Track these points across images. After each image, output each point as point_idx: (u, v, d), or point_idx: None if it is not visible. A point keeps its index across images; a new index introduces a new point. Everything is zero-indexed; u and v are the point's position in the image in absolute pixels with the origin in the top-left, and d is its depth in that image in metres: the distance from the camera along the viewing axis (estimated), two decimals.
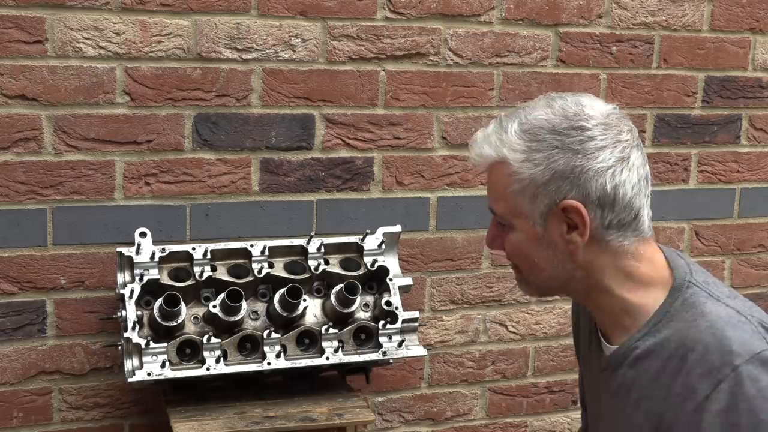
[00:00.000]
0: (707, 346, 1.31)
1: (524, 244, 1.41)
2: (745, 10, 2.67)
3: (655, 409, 1.36)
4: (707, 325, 1.33)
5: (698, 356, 1.31)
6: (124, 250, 2.08)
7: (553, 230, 1.38)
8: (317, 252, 2.17)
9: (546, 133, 1.37)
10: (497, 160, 1.39)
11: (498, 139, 1.39)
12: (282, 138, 2.29)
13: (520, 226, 1.40)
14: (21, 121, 2.10)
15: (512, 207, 1.39)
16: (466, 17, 2.40)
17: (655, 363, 1.37)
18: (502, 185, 1.40)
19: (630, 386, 1.41)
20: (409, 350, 2.16)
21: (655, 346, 1.37)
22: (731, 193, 2.77)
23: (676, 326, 1.36)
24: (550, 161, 1.35)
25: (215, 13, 2.20)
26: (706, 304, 1.36)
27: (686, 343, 1.33)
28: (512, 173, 1.37)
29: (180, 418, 2.03)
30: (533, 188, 1.36)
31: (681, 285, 1.39)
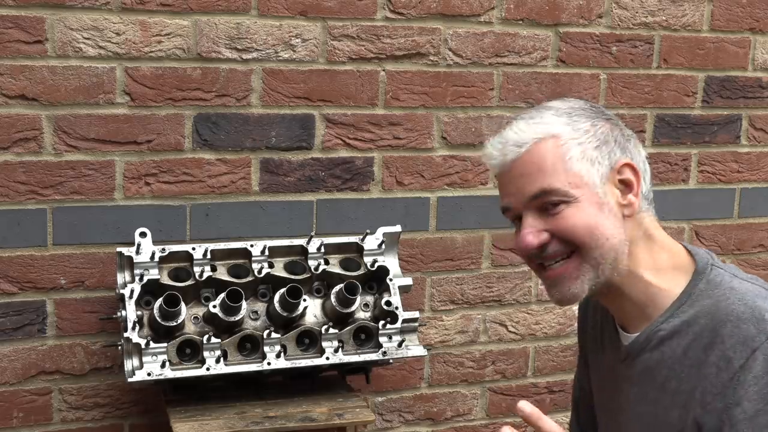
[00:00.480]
0: (740, 315, 1.32)
1: (589, 213, 1.37)
2: (745, 10, 2.67)
3: (684, 386, 1.36)
4: (738, 298, 1.34)
5: (732, 327, 1.32)
6: (124, 250, 2.08)
7: (610, 195, 1.38)
8: (317, 252, 2.17)
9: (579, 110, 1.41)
10: (544, 137, 1.38)
11: (536, 123, 1.39)
12: (282, 138, 2.30)
13: (582, 196, 1.37)
14: (21, 121, 2.10)
15: (572, 176, 1.36)
16: (466, 17, 2.40)
17: (682, 341, 1.37)
18: (557, 158, 1.37)
19: (654, 368, 1.41)
20: (409, 350, 2.15)
21: (682, 325, 1.37)
22: (731, 193, 2.77)
23: (704, 303, 1.37)
24: (596, 127, 1.39)
25: (215, 13, 2.20)
26: (733, 281, 1.38)
27: (718, 316, 1.34)
28: (566, 143, 1.37)
29: (180, 418, 2.03)
30: (590, 152, 1.37)
31: (704, 268, 1.40)
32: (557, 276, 1.40)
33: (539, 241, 1.38)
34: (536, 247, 1.38)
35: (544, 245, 1.38)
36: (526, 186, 1.38)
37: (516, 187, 1.39)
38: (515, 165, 1.39)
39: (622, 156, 1.40)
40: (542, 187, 1.37)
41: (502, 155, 1.40)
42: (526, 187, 1.38)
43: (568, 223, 1.37)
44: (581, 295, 1.40)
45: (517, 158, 1.38)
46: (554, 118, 1.40)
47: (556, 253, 1.39)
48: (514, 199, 1.40)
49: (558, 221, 1.37)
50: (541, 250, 1.39)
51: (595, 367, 1.62)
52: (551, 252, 1.39)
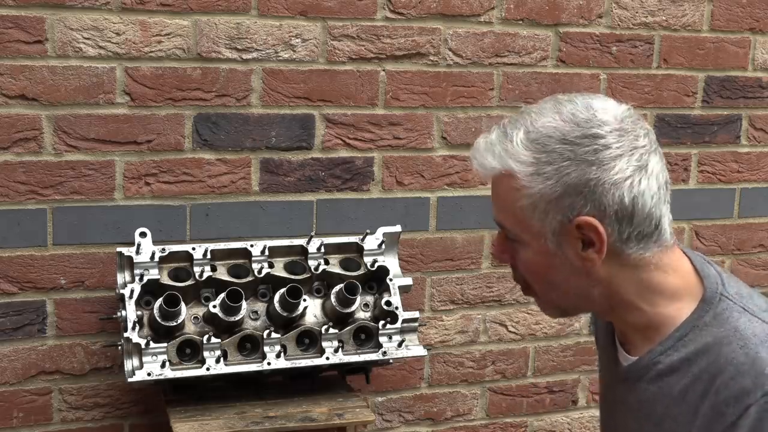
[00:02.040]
0: (739, 367, 1.22)
1: (536, 262, 1.29)
2: (745, 10, 2.67)
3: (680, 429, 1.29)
4: (741, 344, 1.24)
5: (728, 377, 1.23)
6: (124, 250, 2.08)
7: (567, 248, 1.27)
8: (317, 252, 2.17)
9: (556, 143, 1.25)
10: (503, 173, 1.27)
11: (503, 150, 1.27)
12: (282, 138, 2.29)
13: (531, 242, 1.29)
14: (21, 121, 2.10)
15: (522, 222, 1.28)
16: (466, 17, 2.40)
17: (681, 380, 1.29)
18: (510, 199, 1.28)
19: (652, 402, 1.33)
20: (409, 350, 2.15)
21: (681, 362, 1.29)
22: (731, 193, 2.77)
23: (706, 341, 1.27)
24: (562, 174, 1.24)
25: (215, 13, 2.20)
26: (740, 320, 1.27)
27: (717, 362, 1.25)
28: (520, 187, 1.26)
29: (180, 418, 2.03)
30: (544, 204, 1.25)
31: (712, 298, 1.30)
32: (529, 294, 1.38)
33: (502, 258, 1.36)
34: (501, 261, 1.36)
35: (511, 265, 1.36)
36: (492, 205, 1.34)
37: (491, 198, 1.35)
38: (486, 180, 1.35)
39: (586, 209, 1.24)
40: (498, 220, 1.33)
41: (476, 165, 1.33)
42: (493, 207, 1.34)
43: (522, 266, 1.33)
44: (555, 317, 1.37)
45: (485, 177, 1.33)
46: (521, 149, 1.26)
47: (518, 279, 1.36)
48: None
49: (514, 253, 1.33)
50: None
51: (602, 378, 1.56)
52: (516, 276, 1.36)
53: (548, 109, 1.28)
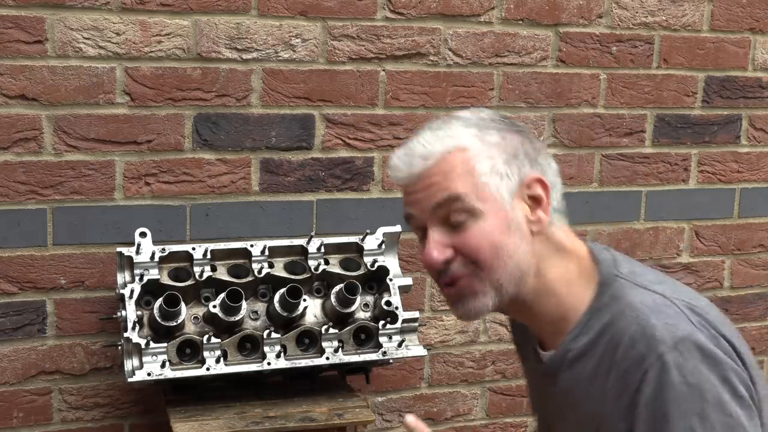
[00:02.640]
0: (633, 336, 1.28)
1: (494, 230, 1.32)
2: (745, 10, 2.67)
3: (595, 408, 1.33)
4: (633, 315, 1.30)
5: (626, 348, 1.28)
6: (124, 250, 2.08)
7: (518, 212, 1.34)
8: (317, 252, 2.17)
9: (488, 121, 1.37)
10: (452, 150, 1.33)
11: (444, 136, 1.34)
12: (282, 138, 2.30)
13: (488, 210, 1.32)
14: (21, 121, 2.10)
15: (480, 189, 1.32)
16: (466, 17, 2.40)
17: (589, 363, 1.34)
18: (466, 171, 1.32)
19: (570, 389, 1.38)
20: (409, 350, 2.15)
21: (588, 346, 1.34)
22: (731, 193, 2.77)
23: (605, 321, 1.33)
24: (506, 141, 1.35)
25: (215, 13, 2.20)
26: (632, 295, 1.33)
27: (615, 338, 1.30)
28: (474, 156, 1.32)
29: (180, 418, 2.03)
30: (500, 166, 1.33)
31: (608, 279, 1.36)
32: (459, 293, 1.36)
33: (444, 257, 1.33)
34: (442, 264, 1.34)
35: (449, 262, 1.34)
36: (432, 194, 1.33)
37: (423, 196, 1.34)
38: (421, 176, 1.33)
39: (532, 170, 1.35)
40: (449, 194, 1.32)
41: (409, 167, 1.34)
42: (433, 195, 1.33)
43: (473, 241, 1.32)
44: (485, 313, 1.36)
45: (423, 171, 1.33)
46: (463, 129, 1.35)
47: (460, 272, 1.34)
48: (419, 209, 1.35)
49: (463, 237, 1.33)
50: (445, 268, 1.34)
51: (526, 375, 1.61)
52: (454, 270, 1.35)
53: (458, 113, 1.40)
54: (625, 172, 2.62)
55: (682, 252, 2.73)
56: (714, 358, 1.26)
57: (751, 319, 2.85)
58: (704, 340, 1.27)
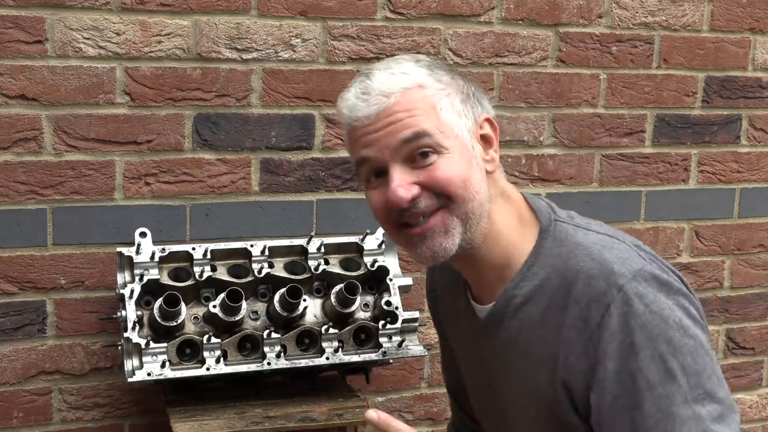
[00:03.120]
0: (589, 272, 1.29)
1: (461, 165, 1.31)
2: (745, 10, 2.67)
3: (546, 350, 1.33)
4: (586, 253, 1.32)
5: (582, 285, 1.29)
6: (124, 250, 2.08)
7: (476, 150, 1.35)
8: (317, 252, 2.17)
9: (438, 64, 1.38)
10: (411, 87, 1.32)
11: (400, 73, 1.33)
12: (282, 138, 2.30)
13: (453, 147, 1.32)
14: (21, 121, 2.10)
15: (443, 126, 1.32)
16: (466, 17, 2.40)
17: (538, 305, 1.34)
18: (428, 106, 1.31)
19: (516, 337, 1.37)
20: (409, 350, 2.16)
21: (535, 289, 1.35)
22: (731, 193, 2.77)
23: (553, 263, 1.34)
24: (456, 82, 1.36)
25: (215, 13, 2.20)
26: (576, 236, 1.35)
27: (567, 276, 1.31)
28: (434, 93, 1.32)
29: (180, 418, 2.03)
30: (457, 105, 1.34)
31: (548, 225, 1.38)
32: (426, 232, 1.33)
33: (411, 194, 1.30)
34: (408, 202, 1.30)
35: (414, 200, 1.31)
36: (396, 132, 1.30)
37: (382, 135, 1.31)
38: (382, 114, 1.31)
39: (482, 111, 1.38)
40: (415, 130, 1.30)
41: (368, 106, 1.31)
42: (397, 133, 1.30)
43: (443, 174, 1.30)
44: (451, 251, 1.33)
45: (385, 108, 1.30)
46: (416, 68, 1.34)
47: (429, 207, 1.32)
48: (378, 149, 1.32)
49: (431, 172, 1.30)
50: (411, 205, 1.31)
51: (455, 339, 1.58)
52: (423, 206, 1.32)
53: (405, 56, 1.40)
54: (625, 172, 2.62)
55: (682, 252, 2.73)
56: (669, 286, 1.29)
57: (751, 319, 2.85)
58: (658, 271, 1.30)
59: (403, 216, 1.33)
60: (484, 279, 1.42)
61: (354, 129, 1.35)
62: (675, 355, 1.25)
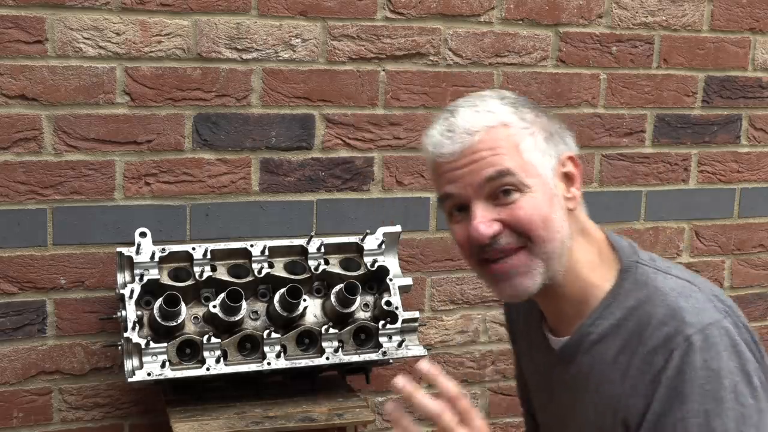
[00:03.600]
0: (662, 318, 1.30)
1: (542, 205, 1.32)
2: (745, 10, 2.67)
3: (615, 390, 1.34)
4: (661, 299, 1.32)
5: (653, 329, 1.30)
6: (124, 250, 2.08)
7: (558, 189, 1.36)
8: (317, 252, 2.17)
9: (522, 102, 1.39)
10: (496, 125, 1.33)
11: (485, 111, 1.34)
12: (282, 138, 2.30)
13: (536, 185, 1.33)
14: (21, 121, 2.10)
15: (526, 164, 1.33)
16: (466, 17, 2.40)
17: (612, 345, 1.35)
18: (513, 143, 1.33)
19: (588, 373, 1.39)
20: (409, 350, 2.15)
21: (611, 328, 1.36)
22: (731, 193, 2.77)
23: (630, 305, 1.35)
24: (541, 120, 1.38)
25: (215, 13, 2.20)
26: (657, 280, 1.36)
27: (642, 320, 1.32)
28: (517, 132, 1.34)
29: (180, 418, 2.03)
30: (541, 143, 1.35)
31: (629, 266, 1.38)
32: (508, 271, 1.34)
33: (492, 231, 1.32)
34: (489, 238, 1.32)
35: (496, 237, 1.32)
36: (479, 170, 1.32)
37: (466, 172, 1.33)
38: (466, 152, 1.32)
39: (565, 148, 1.39)
40: (500, 169, 1.31)
41: (452, 143, 1.33)
42: (480, 171, 1.32)
43: (525, 213, 1.32)
44: (533, 290, 1.35)
45: (469, 146, 1.32)
46: (501, 106, 1.36)
47: (509, 245, 1.33)
48: (460, 186, 1.33)
49: (513, 210, 1.32)
50: (492, 242, 1.32)
51: (529, 370, 1.60)
52: (504, 244, 1.33)
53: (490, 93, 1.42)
54: (625, 172, 2.62)
55: (682, 252, 2.73)
56: (737, 347, 1.28)
57: (751, 319, 2.85)
58: (731, 328, 1.30)
59: (485, 252, 1.34)
60: (562, 313, 1.43)
61: (438, 165, 1.37)
62: (720, 416, 1.25)
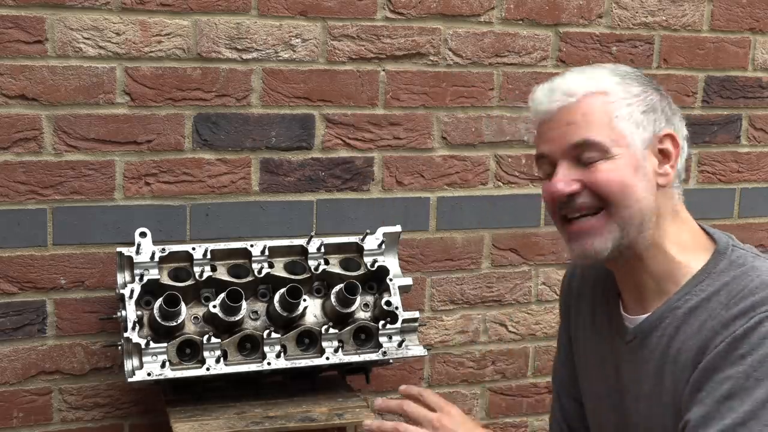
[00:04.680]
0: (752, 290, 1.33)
1: (624, 171, 1.37)
2: (745, 10, 2.67)
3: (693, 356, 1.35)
4: (756, 274, 1.36)
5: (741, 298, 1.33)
6: (124, 250, 2.08)
7: (648, 162, 1.39)
8: (317, 252, 2.17)
9: (633, 75, 1.43)
10: (595, 92, 1.39)
11: (589, 78, 1.40)
12: (282, 138, 2.30)
13: (621, 154, 1.38)
14: (21, 121, 2.10)
15: (616, 134, 1.37)
16: (466, 17, 2.40)
17: (699, 317, 1.37)
18: (606, 112, 1.38)
19: (668, 345, 1.40)
20: (409, 350, 2.16)
21: (701, 302, 1.38)
22: (731, 193, 2.77)
23: (724, 281, 1.37)
24: (647, 94, 1.41)
25: (215, 13, 2.20)
26: (755, 261, 1.39)
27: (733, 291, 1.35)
28: (616, 100, 1.38)
29: (180, 418, 2.03)
30: (637, 115, 1.38)
31: (725, 249, 1.41)
32: (582, 230, 1.40)
33: (570, 189, 1.39)
34: (565, 195, 1.39)
35: (573, 195, 1.38)
36: (569, 134, 1.38)
37: (558, 134, 1.40)
38: (561, 113, 1.40)
39: (667, 126, 1.41)
40: (585, 138, 1.37)
41: (550, 102, 1.41)
42: (569, 135, 1.38)
43: (603, 177, 1.37)
44: (604, 253, 1.39)
45: (564, 106, 1.39)
46: (608, 75, 1.41)
47: (584, 205, 1.39)
48: (553, 146, 1.41)
49: (592, 173, 1.38)
50: (570, 200, 1.39)
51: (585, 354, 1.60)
52: (579, 203, 1.39)
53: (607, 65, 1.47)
54: None
55: None
56: None
57: None
58: None
59: (564, 209, 1.41)
60: (643, 288, 1.45)
61: (540, 122, 1.44)
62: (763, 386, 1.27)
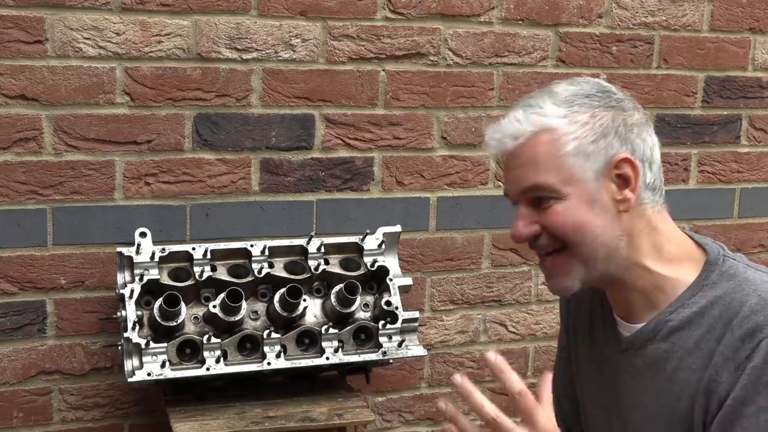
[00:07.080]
0: (753, 307, 1.32)
1: (577, 211, 1.36)
2: (745, 10, 2.67)
3: (694, 376, 1.36)
4: (753, 289, 1.35)
5: (743, 318, 1.32)
6: (124, 250, 2.08)
7: (605, 192, 1.37)
8: (317, 252, 2.17)
9: (581, 98, 1.38)
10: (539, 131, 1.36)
11: (534, 114, 1.37)
12: (282, 138, 2.30)
13: (572, 192, 1.36)
14: (21, 121, 2.10)
15: (564, 173, 1.36)
16: (466, 17, 2.40)
17: (694, 332, 1.37)
18: (550, 153, 1.36)
19: (665, 358, 1.40)
20: (409, 350, 2.16)
21: (694, 315, 1.37)
22: (731, 193, 2.77)
23: (717, 294, 1.36)
24: (596, 118, 1.36)
25: (215, 13, 2.20)
26: (747, 272, 1.38)
27: (731, 307, 1.34)
28: (561, 136, 1.35)
29: (180, 418, 2.03)
30: (586, 146, 1.35)
31: (716, 259, 1.40)
32: (549, 269, 1.42)
33: (528, 232, 1.39)
34: (525, 238, 1.40)
35: (536, 237, 1.39)
36: (520, 178, 1.39)
37: (513, 176, 1.40)
38: (511, 156, 1.39)
39: (621, 149, 1.37)
40: (534, 183, 1.37)
41: (499, 146, 1.40)
42: (521, 180, 1.39)
43: (556, 220, 1.37)
44: (573, 289, 1.41)
45: (512, 150, 1.38)
46: (553, 108, 1.37)
47: (547, 246, 1.39)
48: (509, 188, 1.42)
49: (548, 216, 1.37)
50: (534, 241, 1.40)
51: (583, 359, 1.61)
52: (542, 244, 1.40)
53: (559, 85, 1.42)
54: None
55: None
56: None
57: None
58: None
59: (532, 247, 1.42)
60: (631, 304, 1.45)
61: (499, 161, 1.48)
62: None
